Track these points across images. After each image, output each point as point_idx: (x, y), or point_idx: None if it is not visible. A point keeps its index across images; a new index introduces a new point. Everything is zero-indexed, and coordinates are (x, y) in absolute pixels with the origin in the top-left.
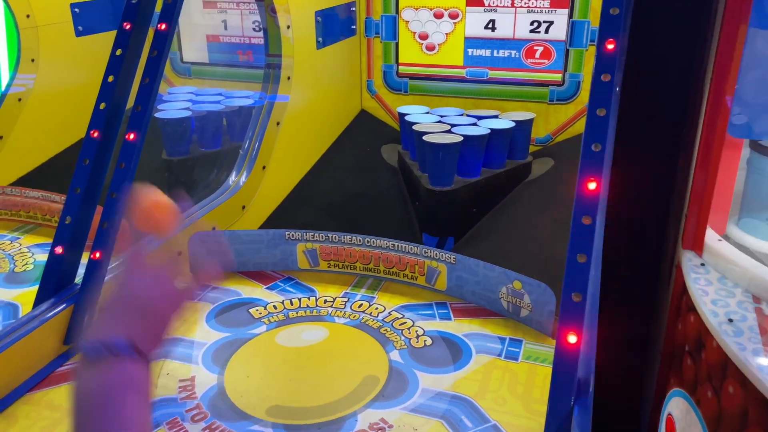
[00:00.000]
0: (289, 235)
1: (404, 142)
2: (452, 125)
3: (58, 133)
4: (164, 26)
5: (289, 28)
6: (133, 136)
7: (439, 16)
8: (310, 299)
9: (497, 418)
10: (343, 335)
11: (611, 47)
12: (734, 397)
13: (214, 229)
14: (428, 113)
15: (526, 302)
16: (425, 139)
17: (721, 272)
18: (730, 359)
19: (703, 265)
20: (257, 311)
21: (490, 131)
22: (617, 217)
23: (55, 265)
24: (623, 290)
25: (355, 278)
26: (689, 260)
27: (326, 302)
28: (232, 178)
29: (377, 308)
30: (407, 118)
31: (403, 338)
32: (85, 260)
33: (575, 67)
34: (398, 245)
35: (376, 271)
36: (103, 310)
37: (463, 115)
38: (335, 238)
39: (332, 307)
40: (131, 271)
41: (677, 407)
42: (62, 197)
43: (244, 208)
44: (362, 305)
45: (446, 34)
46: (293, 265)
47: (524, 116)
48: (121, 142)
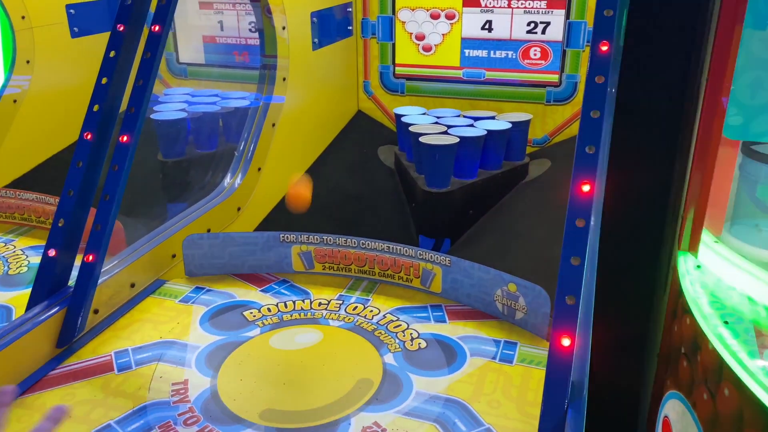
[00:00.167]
0: (283, 237)
1: (401, 143)
2: (449, 126)
3: (53, 134)
4: (158, 28)
5: (284, 29)
6: (126, 138)
7: (435, 16)
8: (304, 302)
9: (491, 421)
10: (337, 338)
11: (605, 49)
12: (729, 399)
13: (208, 231)
14: (425, 114)
15: (521, 305)
16: (422, 140)
17: (717, 274)
18: (725, 361)
19: (699, 267)
20: (251, 314)
21: (486, 132)
22: (613, 219)
23: (48, 267)
24: (619, 292)
25: (350, 281)
26: (685, 262)
27: (321, 305)
28: (227, 179)
29: (372, 311)
30: (404, 119)
31: (397, 341)
32: (78, 263)
33: (572, 67)
34: (393, 247)
35: (371, 273)
36: None
37: (459, 116)
38: (330, 240)
39: (327, 309)
40: None
41: (673, 409)
42: (57, 199)
43: (239, 209)
44: (357, 308)
45: (443, 34)
46: (288, 267)
47: (521, 117)
48: (114, 144)
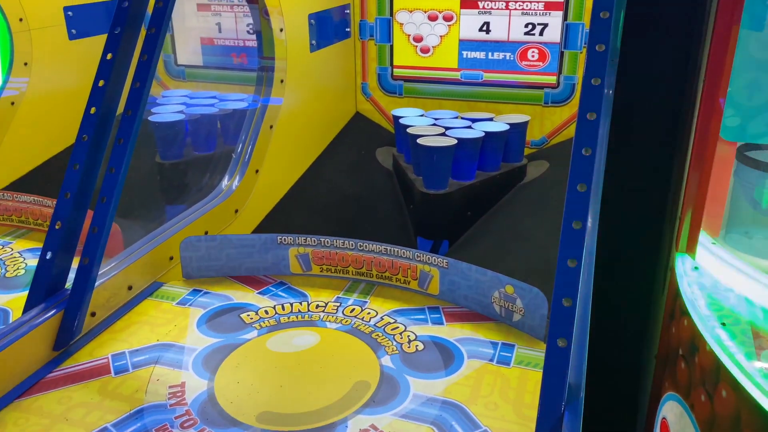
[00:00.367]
0: (281, 239)
1: (399, 145)
2: (447, 128)
3: (51, 137)
4: (154, 30)
5: (282, 30)
6: (123, 140)
7: (433, 18)
8: (302, 304)
9: (488, 423)
10: (334, 340)
11: (602, 50)
12: (727, 401)
13: (206, 233)
14: (423, 116)
15: (518, 306)
16: (420, 142)
17: (714, 276)
18: (723, 363)
19: (696, 268)
20: (248, 316)
21: (484, 134)
22: (610, 220)
23: (45, 270)
24: (617, 294)
25: (347, 283)
26: (683, 264)
27: (318, 307)
28: (225, 181)
29: (369, 313)
30: (402, 120)
31: (395, 343)
32: (75, 265)
33: (570, 69)
34: (391, 249)
35: (368, 275)
36: None
37: (457, 117)
38: (327, 242)
39: (324, 311)
40: None
41: (671, 411)
42: (54, 202)
43: (237, 212)
44: (354, 310)
45: (441, 36)
46: (285, 269)
47: (519, 119)
48: (111, 146)
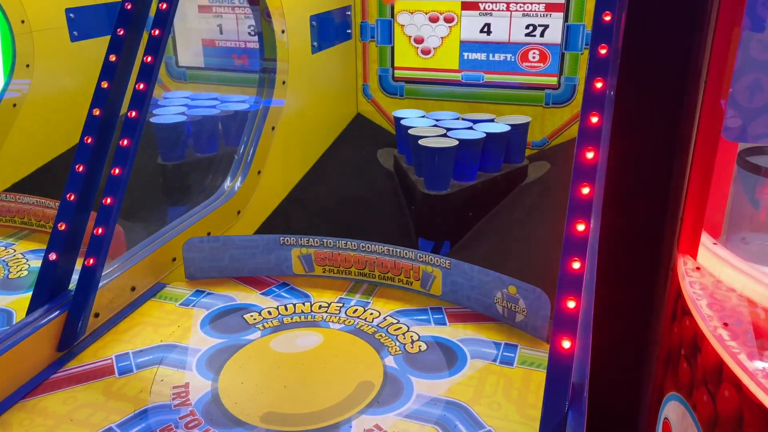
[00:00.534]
0: (283, 240)
1: (400, 146)
2: (448, 129)
3: (53, 138)
4: (158, 32)
5: (284, 32)
6: (126, 142)
7: (434, 20)
8: (304, 305)
9: (492, 423)
10: (337, 341)
11: (604, 52)
12: (730, 400)
13: (208, 234)
14: (424, 117)
15: (521, 307)
16: (421, 143)
17: (716, 276)
18: (725, 363)
19: (698, 269)
20: (252, 317)
21: (486, 135)
22: (612, 221)
23: (48, 271)
24: (618, 294)
25: (350, 283)
26: (684, 264)
27: (321, 308)
28: (227, 183)
29: (372, 313)
30: (403, 122)
31: (398, 343)
32: (79, 266)
33: (571, 70)
34: (393, 250)
35: (371, 276)
36: None
37: (458, 119)
38: (330, 243)
39: (327, 312)
40: None
41: (673, 411)
42: (57, 203)
43: (239, 213)
44: (357, 310)
45: (442, 37)
46: (288, 270)
47: (520, 120)
48: (115, 148)
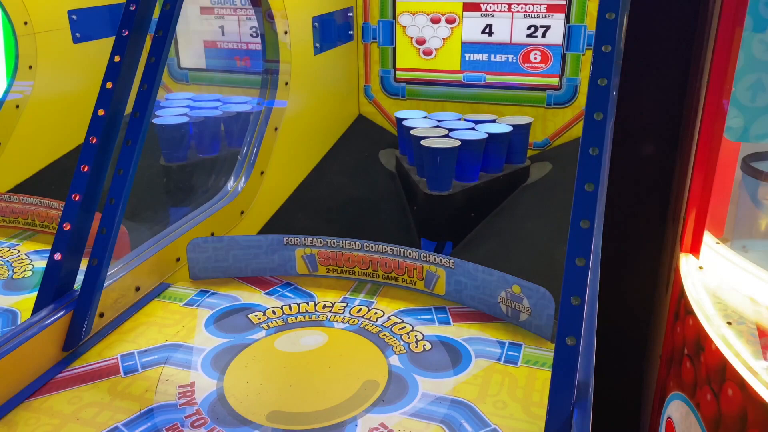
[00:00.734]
0: (287, 240)
1: (402, 146)
2: (450, 130)
3: (55, 139)
4: (162, 33)
5: (286, 33)
6: (131, 142)
7: (436, 21)
8: (309, 304)
9: (497, 422)
10: (342, 340)
11: (608, 51)
12: (733, 399)
13: (212, 234)
14: (426, 118)
15: (525, 306)
16: (423, 143)
17: (719, 275)
18: (729, 362)
19: (701, 268)
20: (256, 317)
21: (487, 135)
22: (616, 220)
23: (54, 271)
24: (622, 294)
25: (353, 283)
26: (687, 263)
27: (325, 307)
28: (230, 183)
29: (376, 313)
30: (405, 122)
31: (402, 343)
32: (84, 266)
33: (572, 71)
34: (397, 250)
35: (374, 275)
36: None
37: (460, 119)
38: (334, 243)
39: (331, 312)
40: None
41: (677, 410)
42: (60, 204)
43: (242, 213)
44: (361, 310)
45: (443, 39)
46: (292, 270)
47: (522, 120)
48: (119, 148)
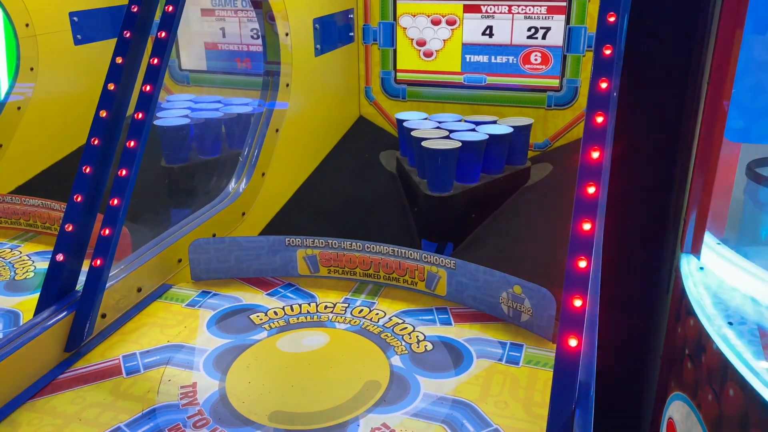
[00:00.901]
0: (289, 241)
1: (402, 148)
2: (450, 131)
3: (57, 141)
4: (164, 34)
5: (287, 35)
6: (133, 143)
7: (436, 22)
8: (310, 305)
9: (499, 422)
10: (344, 341)
11: (608, 53)
12: (735, 399)
13: (214, 235)
14: (426, 119)
15: (526, 307)
16: (424, 145)
17: (719, 276)
18: (730, 362)
19: (701, 268)
20: (258, 317)
21: (488, 137)
22: (616, 221)
23: (56, 272)
24: (622, 294)
25: (355, 284)
26: (688, 264)
27: (327, 308)
28: (231, 184)
29: (378, 314)
30: (405, 124)
31: (404, 343)
32: (86, 268)
33: (572, 72)
34: (398, 251)
35: (376, 276)
36: None
37: (461, 120)
38: (335, 244)
39: (333, 312)
40: None
41: (678, 411)
42: (62, 205)
43: (243, 214)
44: (363, 311)
45: (444, 40)
46: (293, 271)
47: (522, 122)
48: (121, 149)
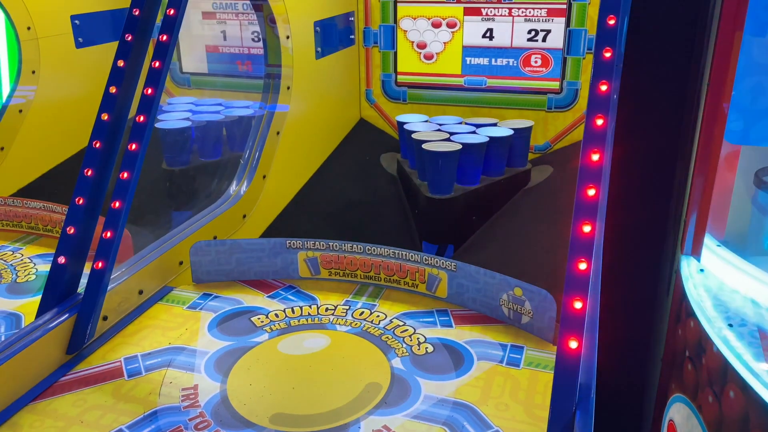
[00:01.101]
0: (290, 243)
1: (403, 150)
2: (451, 133)
3: (58, 144)
4: (165, 38)
5: (288, 38)
6: (135, 146)
7: (437, 25)
8: (311, 307)
9: (500, 424)
10: (344, 343)
11: (608, 56)
12: (735, 401)
13: (215, 238)
14: (427, 122)
15: (527, 309)
16: (424, 147)
17: (720, 278)
18: (730, 364)
19: (702, 270)
20: (259, 319)
21: (488, 139)
22: (617, 223)
23: (57, 275)
24: (623, 296)
25: (356, 286)
26: (688, 266)
27: (328, 310)
28: (232, 187)
29: (378, 316)
30: (406, 126)
31: (404, 345)
32: (87, 270)
33: (573, 75)
34: (399, 253)
35: (376, 279)
36: None
37: (461, 123)
38: (336, 246)
39: (334, 315)
40: None
41: (678, 413)
42: (63, 208)
43: (245, 217)
44: (363, 313)
45: (444, 43)
46: (294, 273)
47: (523, 124)
48: (123, 152)
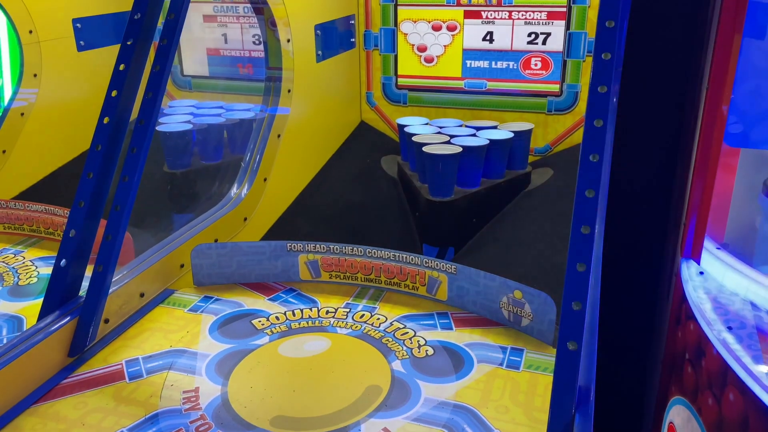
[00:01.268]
0: (290, 246)
1: (404, 153)
2: (451, 136)
3: (60, 147)
4: (166, 41)
5: (289, 41)
6: (136, 149)
7: (437, 28)
8: (312, 310)
9: (500, 426)
10: (345, 345)
11: (608, 58)
12: (735, 404)
13: (216, 241)
14: (427, 124)
15: (527, 311)
16: (425, 150)
17: (719, 280)
18: (730, 367)
19: (701, 273)
20: (260, 322)
21: (489, 142)
22: (616, 226)
23: (59, 277)
24: (623, 299)
25: (356, 289)
26: (688, 269)
27: (328, 313)
28: (233, 190)
29: (379, 318)
30: (406, 129)
31: (405, 348)
32: (89, 273)
33: (573, 77)
34: (399, 256)
35: (377, 281)
36: None
37: (462, 126)
38: (337, 249)
39: (334, 317)
40: None
41: (678, 415)
42: (65, 211)
43: (245, 219)
44: (364, 316)
45: (444, 46)
46: (295, 276)
47: (523, 127)
48: (124, 155)
